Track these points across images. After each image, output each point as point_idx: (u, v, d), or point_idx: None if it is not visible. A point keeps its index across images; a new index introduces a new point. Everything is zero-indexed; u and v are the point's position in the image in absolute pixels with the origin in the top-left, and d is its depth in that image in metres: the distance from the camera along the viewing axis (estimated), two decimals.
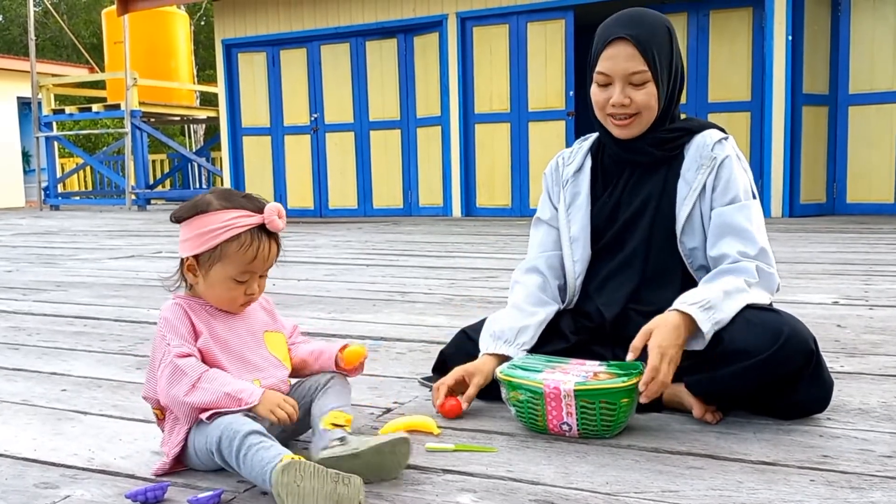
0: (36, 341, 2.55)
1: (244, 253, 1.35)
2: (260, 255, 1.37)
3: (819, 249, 4.65)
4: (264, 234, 1.37)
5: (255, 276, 1.39)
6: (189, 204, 1.40)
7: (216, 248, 1.35)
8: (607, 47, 1.66)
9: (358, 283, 3.74)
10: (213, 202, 1.37)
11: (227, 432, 1.24)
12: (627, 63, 1.63)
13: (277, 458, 1.19)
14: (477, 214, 8.86)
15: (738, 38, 7.79)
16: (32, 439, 1.59)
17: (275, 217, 1.37)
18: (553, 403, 1.48)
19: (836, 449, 1.41)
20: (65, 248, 6.02)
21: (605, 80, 1.67)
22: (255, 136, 10.04)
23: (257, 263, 1.38)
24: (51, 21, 22.94)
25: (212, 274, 1.37)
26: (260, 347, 1.43)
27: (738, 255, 1.59)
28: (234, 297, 1.40)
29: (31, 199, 15.76)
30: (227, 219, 1.35)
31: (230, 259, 1.36)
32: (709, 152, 1.67)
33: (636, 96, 1.64)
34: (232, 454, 1.23)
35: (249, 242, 1.35)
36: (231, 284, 1.38)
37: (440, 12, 8.77)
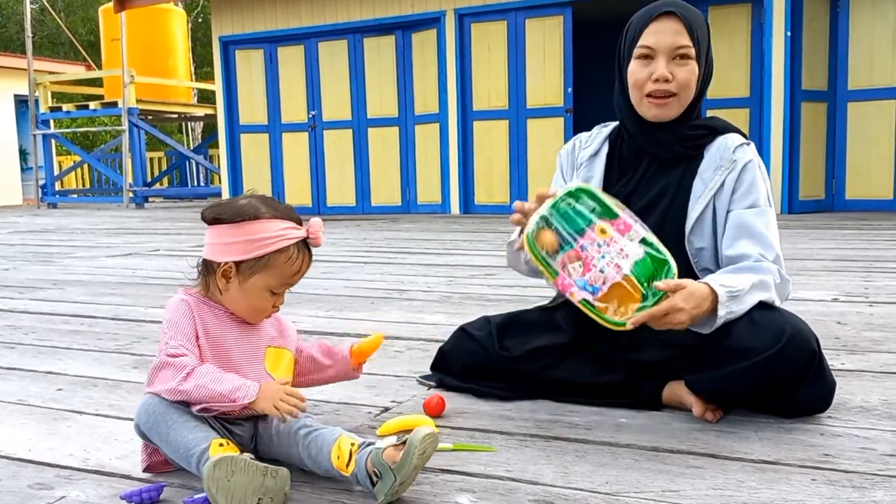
0: (32, 340, 2.54)
1: (290, 266, 1.35)
2: (302, 269, 1.37)
3: (819, 246, 4.64)
4: (306, 248, 1.37)
5: (287, 288, 1.39)
6: (232, 207, 1.34)
7: (263, 256, 1.33)
8: (652, 22, 1.63)
9: (356, 281, 3.72)
10: (261, 209, 1.34)
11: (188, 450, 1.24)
12: (675, 37, 1.61)
13: (205, 441, 1.21)
14: (475, 212, 8.85)
15: (736, 35, 7.77)
16: (28, 439, 1.57)
17: (320, 233, 1.37)
18: (559, 286, 1.47)
19: (837, 448, 1.40)
20: (62, 246, 6.00)
21: (648, 52, 1.62)
22: (253, 133, 10.01)
23: (297, 277, 1.38)
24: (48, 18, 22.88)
25: (251, 282, 1.35)
26: (257, 362, 1.40)
27: (759, 256, 1.58)
28: (264, 307, 1.39)
29: (29, 196, 15.73)
30: (280, 229, 1.33)
31: (275, 270, 1.34)
32: (730, 154, 1.66)
33: (679, 73, 1.61)
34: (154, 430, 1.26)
35: (296, 256, 1.35)
36: (267, 295, 1.37)
37: (438, 9, 8.75)
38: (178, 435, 1.23)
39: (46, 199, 13.27)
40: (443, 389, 1.82)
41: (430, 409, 1.62)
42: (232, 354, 1.37)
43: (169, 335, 1.33)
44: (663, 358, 1.63)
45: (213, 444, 1.23)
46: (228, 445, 1.25)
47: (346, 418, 1.66)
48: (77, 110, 12.83)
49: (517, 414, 1.64)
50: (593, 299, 1.43)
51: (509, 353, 1.75)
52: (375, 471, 1.21)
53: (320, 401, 1.76)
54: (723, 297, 1.45)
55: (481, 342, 1.79)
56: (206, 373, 1.29)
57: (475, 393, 1.77)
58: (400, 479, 1.19)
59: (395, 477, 1.19)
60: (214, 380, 1.28)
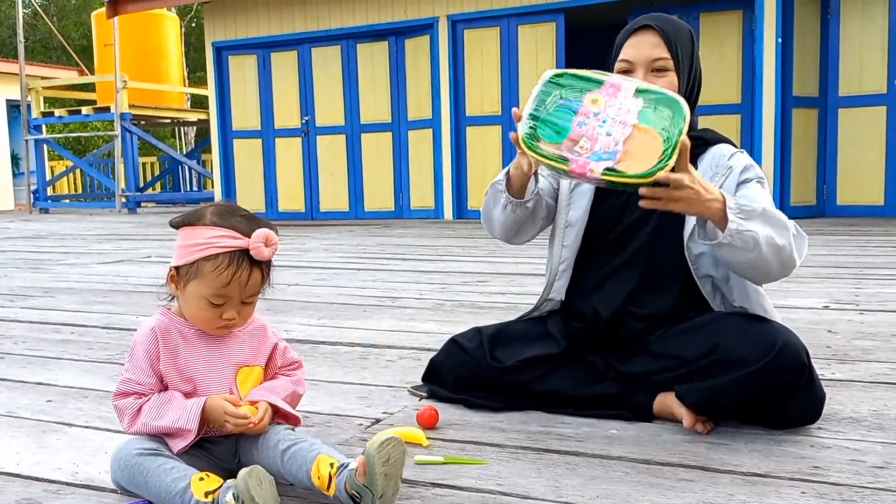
0: (22, 350, 2.53)
1: (218, 275, 1.28)
2: (235, 280, 1.28)
3: (810, 252, 4.63)
4: (246, 259, 1.29)
5: (231, 300, 1.31)
6: (188, 212, 1.35)
7: (193, 264, 1.30)
8: (631, 37, 1.66)
9: (348, 288, 3.72)
10: (205, 216, 1.32)
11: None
12: (652, 50, 1.63)
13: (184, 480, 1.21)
14: (468, 217, 8.85)
15: (728, 41, 7.80)
16: (16, 453, 1.56)
17: (260, 245, 1.28)
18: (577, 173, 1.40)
19: (827, 460, 1.40)
20: (53, 253, 5.98)
21: (626, 66, 1.66)
22: (246, 138, 10.00)
23: (232, 288, 1.29)
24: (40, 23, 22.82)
25: (188, 290, 1.32)
26: (227, 380, 1.37)
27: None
28: (209, 318, 1.33)
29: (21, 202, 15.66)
30: (210, 236, 1.29)
31: (204, 278, 1.29)
32: (725, 161, 1.67)
33: (658, 83, 1.63)
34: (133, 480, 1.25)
35: (226, 266, 1.28)
36: (204, 304, 1.31)
37: (431, 15, 8.76)
38: (157, 481, 1.22)
39: (38, 204, 13.22)
40: (434, 400, 1.81)
41: (423, 420, 1.62)
42: (198, 374, 1.35)
43: (125, 367, 1.34)
44: (654, 369, 1.63)
45: (192, 481, 1.21)
46: (209, 477, 1.23)
47: (336, 430, 1.65)
48: (69, 115, 12.80)
49: (508, 426, 1.64)
50: (614, 164, 1.37)
51: (500, 364, 1.74)
52: (355, 493, 1.20)
53: (310, 412, 1.75)
54: (731, 203, 1.43)
55: (472, 353, 1.78)
56: (148, 411, 1.29)
57: (466, 404, 1.77)
58: (378, 493, 1.18)
59: (371, 493, 1.18)
60: (156, 417, 1.28)
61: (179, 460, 1.27)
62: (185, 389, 1.34)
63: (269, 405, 1.34)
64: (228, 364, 1.38)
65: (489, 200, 1.75)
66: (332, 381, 2.03)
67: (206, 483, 1.21)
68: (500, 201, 1.70)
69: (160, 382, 1.34)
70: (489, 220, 1.79)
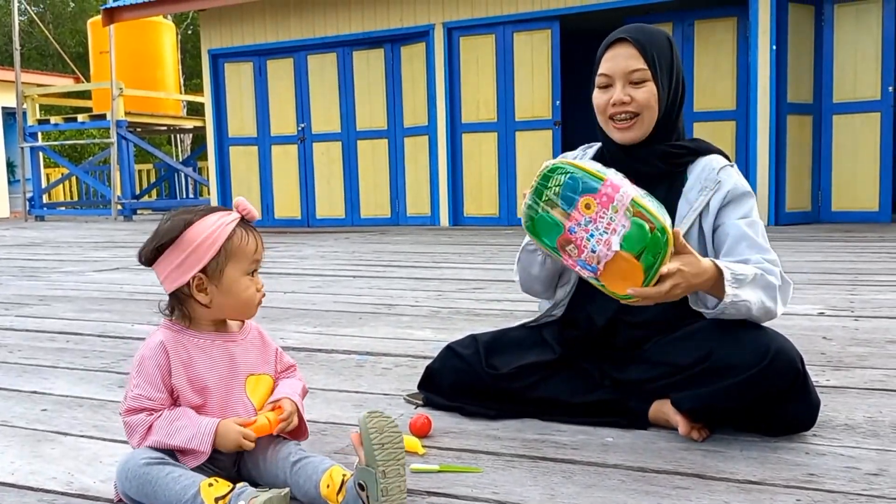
0: (17, 358, 2.52)
1: (247, 244, 1.35)
2: (258, 245, 1.37)
3: (805, 258, 4.67)
4: (247, 225, 1.37)
5: (258, 268, 1.39)
6: (160, 233, 1.33)
7: (220, 251, 1.32)
8: (608, 50, 1.69)
9: (344, 296, 3.72)
10: (186, 216, 1.34)
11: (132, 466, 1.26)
12: (627, 62, 1.65)
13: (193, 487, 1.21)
14: (464, 224, 8.86)
15: (722, 48, 7.84)
16: (10, 462, 1.56)
17: (248, 207, 1.37)
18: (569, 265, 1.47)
19: (822, 467, 1.41)
20: (49, 261, 5.97)
21: (605, 80, 1.68)
22: (242, 145, 10.01)
23: (259, 252, 1.38)
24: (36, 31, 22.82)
25: (225, 278, 1.33)
26: (238, 390, 1.38)
27: (761, 260, 1.58)
28: (252, 294, 1.37)
29: (16, 209, 15.64)
30: (215, 221, 1.33)
31: (238, 254, 1.34)
32: (714, 175, 1.67)
33: (636, 94, 1.65)
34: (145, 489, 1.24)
35: (246, 234, 1.35)
36: (247, 281, 1.36)
37: (427, 22, 8.79)
38: (166, 490, 1.22)
39: (34, 211, 13.20)
40: (430, 408, 1.81)
41: (415, 429, 1.62)
42: (211, 384, 1.35)
43: (134, 382, 1.32)
44: (649, 376, 1.63)
45: (202, 487, 1.22)
46: (217, 483, 1.23)
47: (332, 438, 1.65)
48: (65, 123, 12.79)
49: (504, 433, 1.64)
50: (596, 276, 1.43)
51: (496, 372, 1.75)
52: (360, 483, 1.22)
53: (306, 420, 1.75)
54: (727, 275, 1.46)
55: (468, 360, 1.79)
56: (159, 428, 1.29)
57: (462, 412, 1.77)
58: (380, 471, 1.19)
59: (373, 470, 1.19)
60: (168, 435, 1.28)
61: (186, 468, 1.27)
62: (198, 402, 1.34)
63: (293, 402, 1.38)
64: (238, 373, 1.39)
65: (524, 264, 1.77)
66: (327, 389, 2.03)
67: (216, 489, 1.22)
68: (537, 259, 1.72)
69: (170, 397, 1.33)
70: (529, 281, 1.80)
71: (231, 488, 1.22)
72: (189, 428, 1.29)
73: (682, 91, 1.71)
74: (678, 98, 1.71)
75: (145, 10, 10.33)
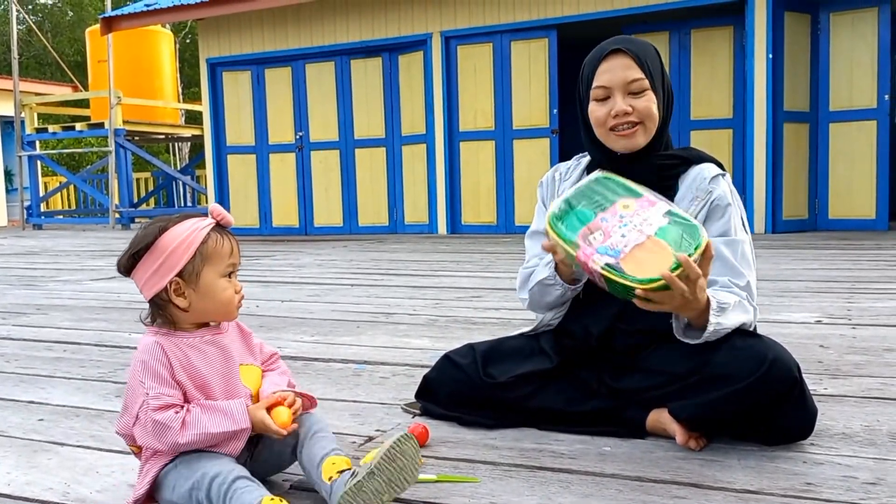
0: (14, 368, 2.52)
1: (222, 247, 1.36)
2: (234, 248, 1.38)
3: (802, 266, 4.68)
4: (223, 230, 1.38)
5: (236, 270, 1.40)
6: (136, 241, 1.35)
7: (194, 256, 1.33)
8: (603, 62, 1.67)
9: (342, 304, 3.72)
10: (160, 223, 1.36)
11: (216, 477, 1.24)
12: (626, 72, 1.64)
13: (258, 500, 1.19)
14: (462, 232, 8.87)
15: (719, 57, 7.87)
16: (6, 473, 1.55)
17: (222, 212, 1.38)
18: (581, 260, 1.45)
19: (819, 476, 1.41)
20: (46, 270, 5.96)
21: (604, 93, 1.67)
22: (240, 154, 10.02)
23: (235, 255, 1.39)
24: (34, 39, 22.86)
25: (202, 282, 1.34)
26: (235, 378, 1.40)
27: (727, 283, 1.59)
28: (230, 296, 1.38)
29: (14, 218, 15.64)
30: (188, 227, 1.35)
31: (213, 257, 1.35)
32: (705, 185, 1.66)
33: (637, 104, 1.64)
34: (220, 498, 1.22)
35: (221, 239, 1.37)
36: (224, 283, 1.37)
37: (424, 31, 8.81)
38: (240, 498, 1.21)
39: (32, 220, 13.19)
40: (427, 417, 1.81)
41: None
42: (210, 378, 1.37)
43: (147, 385, 1.31)
44: (646, 385, 1.63)
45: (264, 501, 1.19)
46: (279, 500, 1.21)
47: None
48: (63, 131, 12.80)
49: (501, 443, 1.64)
50: (616, 262, 1.41)
51: (494, 380, 1.74)
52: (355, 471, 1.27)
53: None
54: (714, 306, 1.48)
55: (466, 370, 1.78)
56: (195, 420, 1.29)
57: (460, 421, 1.76)
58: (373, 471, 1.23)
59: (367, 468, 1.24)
60: (206, 424, 1.29)
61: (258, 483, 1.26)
62: (201, 398, 1.35)
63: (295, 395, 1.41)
64: (232, 364, 1.40)
65: (538, 295, 1.74)
66: (325, 399, 2.03)
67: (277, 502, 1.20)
68: (556, 293, 1.70)
69: (182, 394, 1.34)
70: (539, 307, 1.79)
71: None
72: (221, 412, 1.31)
73: (672, 98, 1.72)
74: (670, 105, 1.72)
75: (143, 19, 10.35)
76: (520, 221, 8.51)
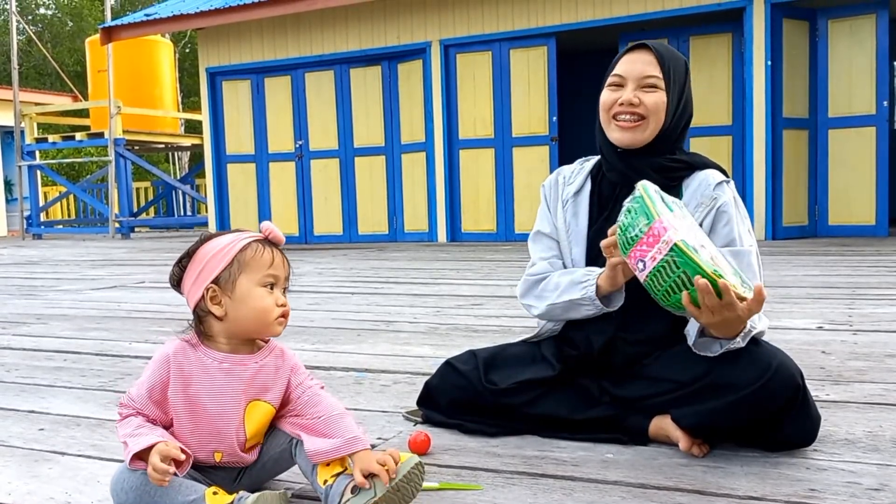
0: (14, 377, 2.51)
1: (261, 257, 1.33)
2: (276, 260, 1.34)
3: (802, 273, 4.68)
4: (269, 244, 1.36)
5: (279, 281, 1.35)
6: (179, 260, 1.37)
7: (232, 261, 1.32)
8: (627, 54, 1.70)
9: (342, 312, 3.71)
10: (202, 237, 1.38)
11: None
12: (644, 66, 1.67)
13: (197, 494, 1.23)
14: (462, 240, 8.87)
15: (718, 64, 7.89)
16: (7, 483, 1.55)
17: (273, 228, 1.37)
18: (649, 240, 1.40)
19: (823, 482, 1.40)
20: (46, 279, 5.96)
21: (618, 80, 1.69)
22: (240, 163, 10.03)
23: (277, 267, 1.34)
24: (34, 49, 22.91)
25: (238, 288, 1.32)
26: (234, 417, 1.34)
27: None
28: (269, 306, 1.32)
29: (14, 228, 15.64)
30: (231, 236, 1.36)
31: (250, 265, 1.32)
32: (710, 192, 1.66)
33: (645, 98, 1.65)
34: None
35: (262, 249, 1.34)
36: (262, 292, 1.32)
37: (424, 39, 8.84)
38: (169, 500, 1.22)
39: (31, 230, 13.20)
40: (429, 425, 1.81)
41: (415, 446, 1.61)
42: (208, 405, 1.33)
43: (136, 384, 1.35)
44: (648, 393, 1.63)
45: (206, 494, 1.22)
46: (221, 491, 1.24)
47: None
48: (63, 141, 12.82)
49: (504, 450, 1.64)
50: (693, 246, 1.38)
51: (495, 387, 1.74)
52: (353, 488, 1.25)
53: None
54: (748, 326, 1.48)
55: (467, 376, 1.78)
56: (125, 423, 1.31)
57: (461, 429, 1.76)
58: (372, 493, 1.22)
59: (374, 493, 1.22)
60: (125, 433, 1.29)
61: (185, 478, 1.27)
62: (189, 421, 1.33)
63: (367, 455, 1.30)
64: (239, 398, 1.34)
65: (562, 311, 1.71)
66: None
67: (220, 498, 1.23)
68: (585, 312, 1.67)
69: (156, 408, 1.33)
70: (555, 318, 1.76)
71: (234, 497, 1.24)
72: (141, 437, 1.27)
73: (689, 114, 1.72)
74: (684, 117, 1.71)
75: (143, 28, 10.38)
76: (520, 229, 8.51)
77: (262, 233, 1.37)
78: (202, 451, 1.34)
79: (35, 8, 27.35)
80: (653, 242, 1.39)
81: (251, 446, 1.38)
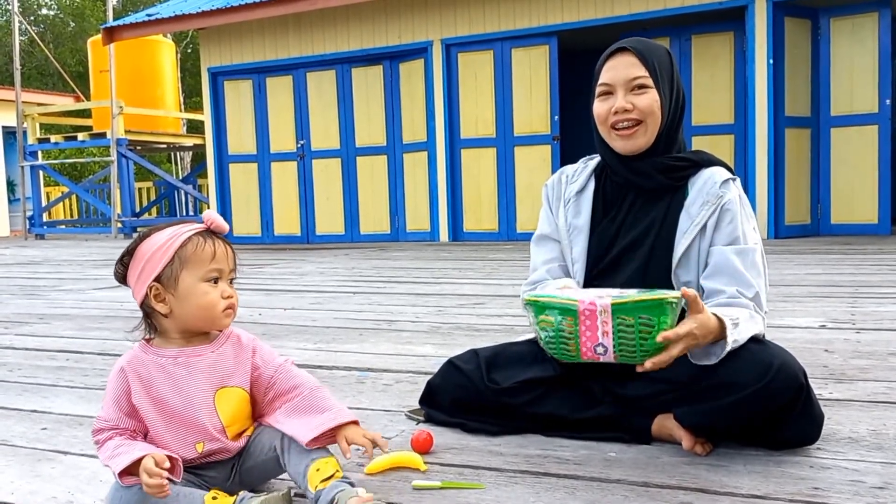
0: (17, 377, 2.51)
1: (203, 251, 1.32)
2: (219, 252, 1.33)
3: (805, 271, 4.67)
4: (211, 235, 1.35)
5: (224, 274, 1.34)
6: (121, 257, 1.35)
7: (173, 258, 1.31)
8: (609, 60, 1.68)
9: (344, 312, 3.71)
10: (141, 234, 1.36)
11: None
12: (629, 70, 1.65)
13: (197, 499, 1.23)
14: (464, 239, 8.87)
15: (720, 62, 7.88)
16: (10, 482, 1.55)
17: (215, 217, 1.34)
18: (588, 323, 1.37)
19: (826, 480, 1.40)
20: (49, 279, 5.96)
21: (606, 89, 1.68)
22: (242, 163, 10.03)
23: (220, 260, 1.33)
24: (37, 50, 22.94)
25: (181, 286, 1.31)
26: (205, 406, 1.34)
27: (735, 293, 1.58)
28: (214, 301, 1.32)
29: (16, 228, 15.65)
30: (170, 232, 1.33)
31: (192, 261, 1.31)
32: (716, 190, 1.65)
33: (638, 101, 1.64)
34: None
35: (203, 242, 1.32)
36: (205, 287, 1.31)
37: (425, 39, 8.83)
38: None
39: (34, 230, 13.21)
40: (431, 424, 1.81)
41: (417, 445, 1.61)
42: (173, 402, 1.33)
43: (102, 406, 1.35)
44: (652, 392, 1.62)
45: (206, 500, 1.22)
46: (221, 495, 1.24)
47: None
48: (65, 141, 12.82)
49: (506, 449, 1.64)
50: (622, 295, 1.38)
51: (497, 386, 1.74)
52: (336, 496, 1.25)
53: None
54: (729, 324, 1.46)
55: (469, 375, 1.78)
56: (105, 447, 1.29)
57: (464, 428, 1.76)
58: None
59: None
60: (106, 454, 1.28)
61: (182, 485, 1.27)
62: (161, 421, 1.33)
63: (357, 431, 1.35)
64: (204, 388, 1.35)
65: None
66: None
67: (220, 501, 1.23)
68: None
69: (129, 419, 1.32)
70: None
71: (234, 500, 1.24)
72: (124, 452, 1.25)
73: (682, 103, 1.71)
74: (679, 109, 1.71)
75: (145, 28, 10.38)
76: (521, 228, 8.51)
77: (205, 223, 1.35)
78: (183, 447, 1.33)
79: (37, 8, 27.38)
80: (591, 323, 1.38)
81: (237, 433, 1.37)
